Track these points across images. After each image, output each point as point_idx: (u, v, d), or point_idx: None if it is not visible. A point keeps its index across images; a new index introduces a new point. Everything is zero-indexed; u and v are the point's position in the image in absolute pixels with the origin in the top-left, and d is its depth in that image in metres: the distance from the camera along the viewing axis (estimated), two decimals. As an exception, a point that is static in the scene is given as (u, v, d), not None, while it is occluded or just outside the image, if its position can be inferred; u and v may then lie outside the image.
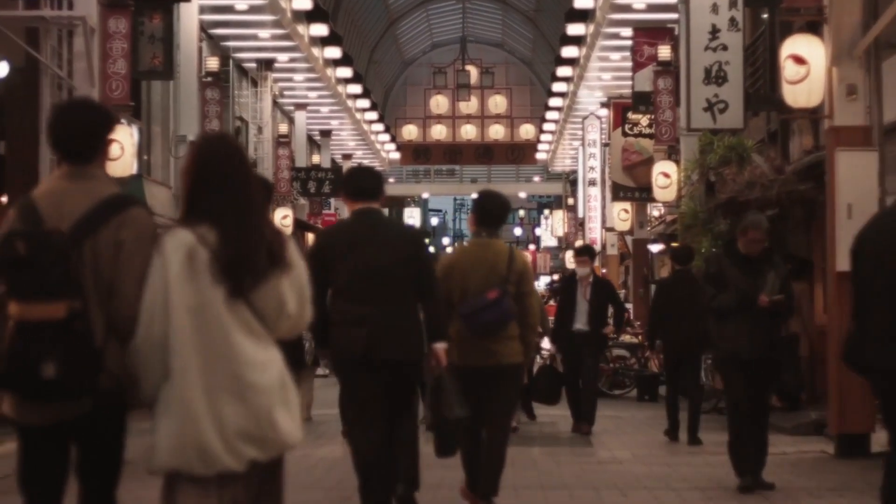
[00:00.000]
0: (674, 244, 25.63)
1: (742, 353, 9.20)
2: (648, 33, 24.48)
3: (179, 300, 4.18)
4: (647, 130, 27.50)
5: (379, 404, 6.91)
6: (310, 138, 38.76)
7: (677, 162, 22.24)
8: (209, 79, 24.07)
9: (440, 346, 7.01)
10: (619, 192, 29.75)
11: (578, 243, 43.13)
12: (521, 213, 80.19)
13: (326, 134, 40.87)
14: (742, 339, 9.18)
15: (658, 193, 23.60)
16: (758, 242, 9.28)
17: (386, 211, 60.69)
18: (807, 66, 12.48)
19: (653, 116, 24.25)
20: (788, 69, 12.61)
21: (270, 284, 4.25)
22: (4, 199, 16.70)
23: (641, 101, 24.30)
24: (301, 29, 28.49)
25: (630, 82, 26.95)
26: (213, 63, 24.45)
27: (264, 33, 27.34)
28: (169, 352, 4.18)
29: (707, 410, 16.46)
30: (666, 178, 23.00)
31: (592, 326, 13.79)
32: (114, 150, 14.81)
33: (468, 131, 56.51)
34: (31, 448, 4.41)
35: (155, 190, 21.74)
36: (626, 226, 31.38)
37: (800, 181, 15.29)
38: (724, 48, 18.00)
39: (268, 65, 29.90)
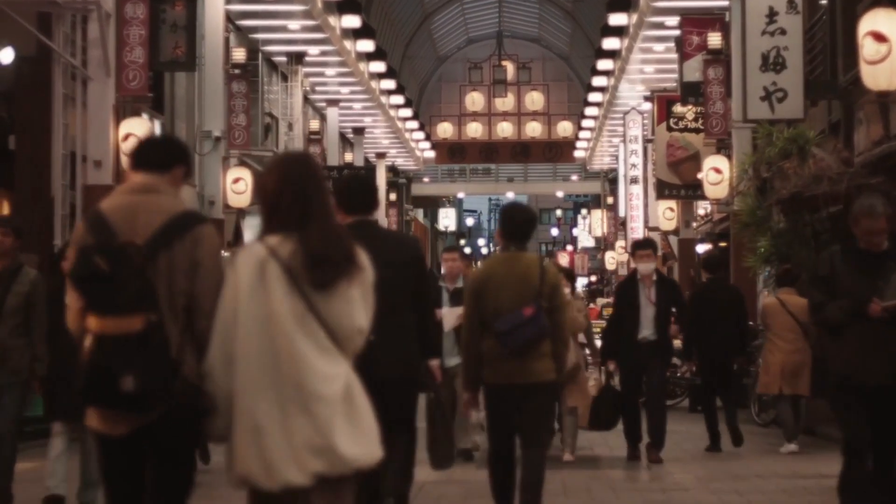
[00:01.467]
0: (722, 244, 24.64)
1: (857, 377, 7.12)
2: (696, 21, 23.45)
3: (248, 311, 4.25)
4: (693, 125, 26.52)
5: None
6: (342, 136, 37.92)
7: (729, 156, 21.18)
8: (236, 71, 23.08)
9: (434, 363, 6.94)
10: (663, 190, 28.55)
11: (617, 241, 42.16)
12: (559, 212, 79.24)
13: (359, 131, 40.03)
14: (856, 359, 7.10)
15: (709, 190, 22.49)
16: (876, 234, 7.25)
17: (422, 212, 59.99)
18: (888, 44, 11.50)
19: (700, 109, 23.22)
20: (867, 48, 11.58)
21: (344, 288, 4.33)
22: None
23: (690, 91, 23.21)
24: (332, 21, 27.58)
25: (673, 75, 25.98)
26: (239, 54, 23.44)
27: (294, 24, 26.51)
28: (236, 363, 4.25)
29: (766, 423, 15.48)
30: (717, 173, 21.94)
31: (660, 334, 11.99)
32: (131, 144, 14.20)
33: (504, 129, 55.39)
34: (111, 458, 4.61)
35: (178, 188, 20.83)
36: (671, 225, 30.21)
37: (869, 174, 14.28)
38: (783, 32, 17.02)
39: (298, 58, 29.04)
